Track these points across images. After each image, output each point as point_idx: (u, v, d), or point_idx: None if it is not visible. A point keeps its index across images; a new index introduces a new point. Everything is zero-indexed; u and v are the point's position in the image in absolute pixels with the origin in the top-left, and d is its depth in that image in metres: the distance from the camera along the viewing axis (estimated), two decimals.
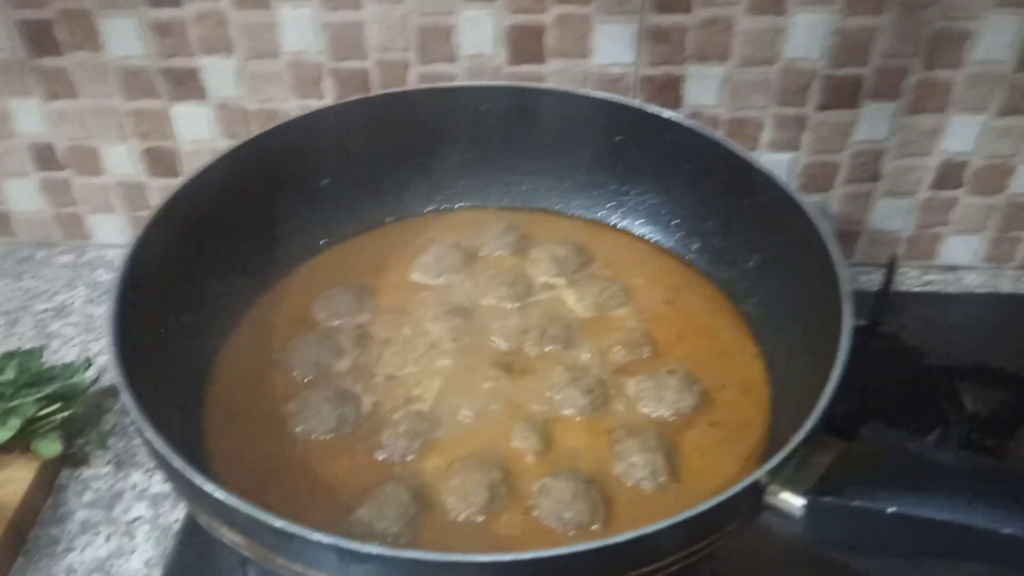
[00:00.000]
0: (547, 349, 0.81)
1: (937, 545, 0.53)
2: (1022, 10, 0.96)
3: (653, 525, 0.53)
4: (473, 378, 0.79)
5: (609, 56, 1.02)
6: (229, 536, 0.58)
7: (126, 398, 0.61)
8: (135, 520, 0.86)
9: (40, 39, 1.02)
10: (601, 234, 0.95)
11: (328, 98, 1.05)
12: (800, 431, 0.58)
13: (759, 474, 0.57)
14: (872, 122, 1.04)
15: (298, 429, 0.74)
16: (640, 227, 0.95)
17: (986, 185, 1.09)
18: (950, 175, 1.08)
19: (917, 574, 0.76)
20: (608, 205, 0.96)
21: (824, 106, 1.04)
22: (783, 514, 0.57)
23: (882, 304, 0.97)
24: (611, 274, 0.90)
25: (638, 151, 0.92)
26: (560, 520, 0.66)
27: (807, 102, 1.04)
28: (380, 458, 0.72)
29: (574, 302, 0.87)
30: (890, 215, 1.12)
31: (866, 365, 0.89)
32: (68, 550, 0.84)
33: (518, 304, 0.86)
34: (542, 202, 0.98)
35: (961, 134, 1.05)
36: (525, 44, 1.01)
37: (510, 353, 0.81)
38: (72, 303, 1.11)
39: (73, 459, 0.91)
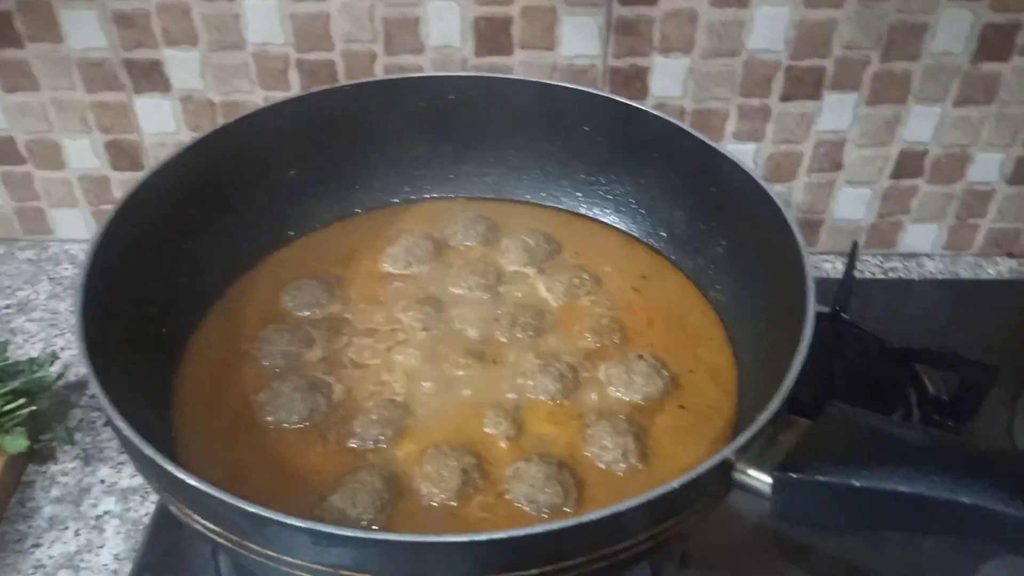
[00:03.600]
0: (518, 337, 0.82)
1: (901, 517, 0.54)
2: (976, 4, 0.98)
3: (626, 502, 0.54)
4: (445, 366, 0.79)
5: (575, 48, 1.02)
6: (202, 524, 0.57)
7: (96, 389, 0.60)
8: (104, 515, 0.86)
9: None
10: (570, 223, 0.96)
11: (294, 89, 1.05)
12: (766, 409, 0.59)
13: (727, 452, 0.58)
14: (834, 112, 1.06)
15: (269, 419, 0.74)
16: (609, 216, 0.96)
17: (944, 174, 1.11)
18: (910, 164, 1.11)
19: (878, 552, 0.79)
20: (577, 195, 0.97)
21: (787, 97, 1.05)
22: (752, 491, 0.58)
23: (845, 291, 0.98)
24: (580, 263, 0.91)
25: (606, 141, 0.93)
26: (533, 503, 0.67)
27: (770, 93, 1.05)
28: (352, 446, 0.72)
29: (544, 290, 0.88)
30: (852, 204, 1.14)
31: (830, 350, 0.92)
32: (36, 545, 0.83)
33: (489, 293, 0.87)
34: (511, 192, 0.98)
35: (920, 124, 1.07)
36: (492, 36, 1.02)
37: (481, 341, 0.82)
38: (35, 299, 1.09)
39: (39, 455, 0.90)
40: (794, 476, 0.56)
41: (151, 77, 1.04)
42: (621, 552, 0.57)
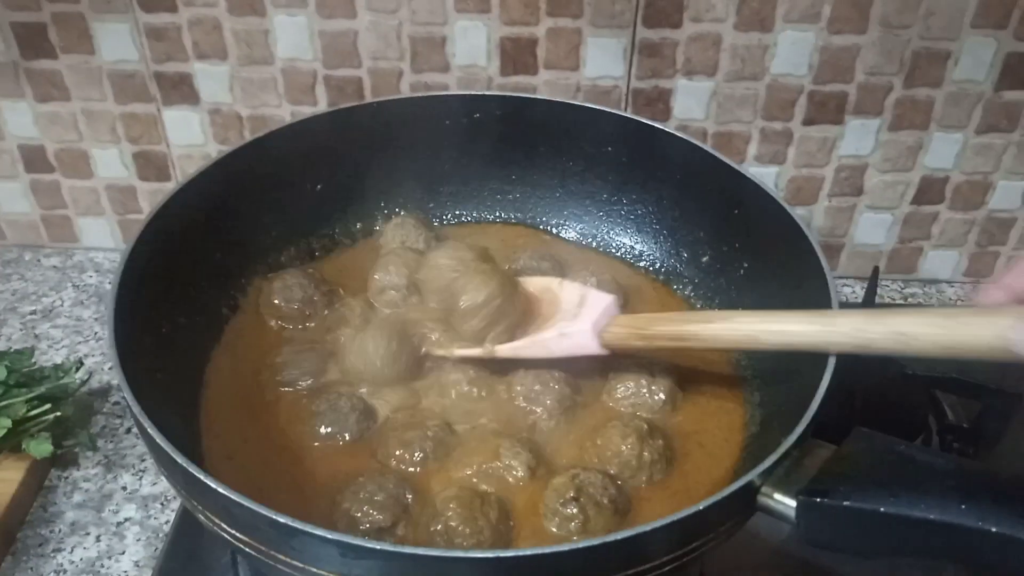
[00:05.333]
0: None
1: (926, 544, 0.54)
2: (999, 32, 0.99)
3: (650, 523, 0.54)
4: None
5: (599, 69, 1.03)
6: (229, 533, 0.58)
7: (128, 397, 0.61)
8: (125, 521, 0.86)
9: (33, 41, 1.02)
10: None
11: (321, 105, 1.06)
12: (792, 433, 0.59)
13: (752, 475, 0.58)
14: (856, 137, 1.07)
15: (322, 431, 0.75)
16: (631, 236, 0.96)
17: (966, 201, 1.11)
18: (931, 190, 1.11)
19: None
20: (599, 214, 0.98)
21: (809, 121, 1.06)
22: (776, 514, 0.58)
23: None
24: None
25: (629, 162, 0.94)
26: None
27: (793, 117, 1.06)
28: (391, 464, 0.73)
29: None
30: (872, 229, 1.14)
31: (849, 375, 0.91)
32: (58, 550, 0.83)
33: None
34: (534, 210, 0.99)
35: (942, 151, 1.08)
36: (517, 55, 1.03)
37: None
38: (60, 305, 1.10)
39: (62, 460, 0.91)
40: (819, 501, 0.56)
41: (180, 90, 1.06)
42: (644, 572, 0.57)
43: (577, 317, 0.78)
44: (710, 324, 0.71)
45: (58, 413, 0.89)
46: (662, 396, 0.78)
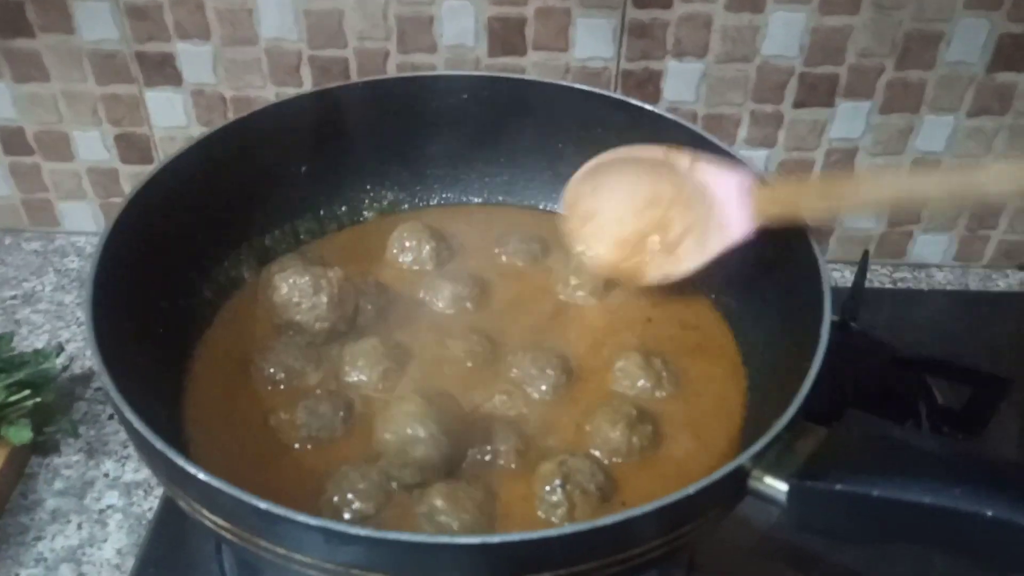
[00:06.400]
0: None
1: (918, 529, 0.53)
2: (992, 13, 0.98)
3: (640, 507, 0.53)
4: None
5: (589, 50, 1.02)
6: (211, 520, 0.57)
7: (105, 381, 0.59)
8: (107, 508, 0.85)
9: (11, 21, 1.00)
10: None
11: (306, 85, 1.05)
12: (783, 416, 0.59)
13: (743, 459, 0.57)
14: (847, 120, 1.06)
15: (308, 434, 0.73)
16: None
17: None
18: None
19: (888, 562, 0.78)
20: None
21: (800, 103, 1.05)
22: (767, 499, 0.57)
23: (855, 300, 0.98)
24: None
25: (619, 143, 0.92)
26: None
27: (783, 99, 1.05)
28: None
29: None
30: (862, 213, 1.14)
31: (839, 360, 0.91)
32: (38, 538, 0.82)
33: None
34: (521, 193, 0.98)
35: (933, 133, 1.07)
36: (506, 36, 1.02)
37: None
38: (41, 290, 1.09)
39: (43, 447, 0.90)
40: (810, 484, 0.55)
41: (163, 70, 1.04)
42: (633, 558, 0.56)
43: (730, 208, 0.78)
44: (860, 187, 0.75)
45: (38, 399, 0.88)
46: (656, 380, 0.77)
